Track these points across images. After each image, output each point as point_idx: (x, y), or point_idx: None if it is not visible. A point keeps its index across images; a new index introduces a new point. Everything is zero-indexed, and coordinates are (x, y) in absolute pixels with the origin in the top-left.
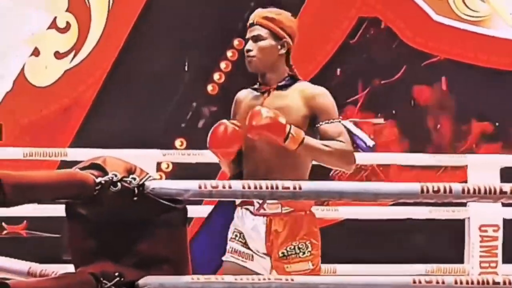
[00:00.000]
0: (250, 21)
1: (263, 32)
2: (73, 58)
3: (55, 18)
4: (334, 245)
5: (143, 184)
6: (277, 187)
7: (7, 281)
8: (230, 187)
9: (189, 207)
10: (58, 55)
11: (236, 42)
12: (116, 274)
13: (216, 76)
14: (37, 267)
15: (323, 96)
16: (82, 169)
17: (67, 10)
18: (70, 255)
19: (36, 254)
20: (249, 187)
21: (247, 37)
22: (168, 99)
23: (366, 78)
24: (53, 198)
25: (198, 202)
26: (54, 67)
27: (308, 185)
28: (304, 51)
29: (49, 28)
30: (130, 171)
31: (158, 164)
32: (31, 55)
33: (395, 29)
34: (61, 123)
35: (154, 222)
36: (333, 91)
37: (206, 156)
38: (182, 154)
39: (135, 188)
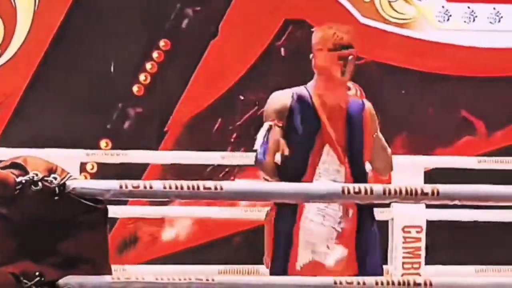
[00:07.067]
0: None
1: None
2: None
3: None
4: None
5: (64, 184)
6: (198, 188)
7: None
8: (151, 187)
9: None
10: None
11: (162, 43)
12: (37, 273)
13: (142, 77)
14: None
15: None
16: (2, 168)
17: None
18: None
19: None
20: (170, 187)
21: None
22: (93, 100)
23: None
24: None
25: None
26: None
27: (229, 186)
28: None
29: None
30: (51, 170)
31: (83, 164)
32: None
33: None
34: None
35: (75, 222)
36: None
37: (130, 156)
38: (106, 154)
39: (56, 188)
